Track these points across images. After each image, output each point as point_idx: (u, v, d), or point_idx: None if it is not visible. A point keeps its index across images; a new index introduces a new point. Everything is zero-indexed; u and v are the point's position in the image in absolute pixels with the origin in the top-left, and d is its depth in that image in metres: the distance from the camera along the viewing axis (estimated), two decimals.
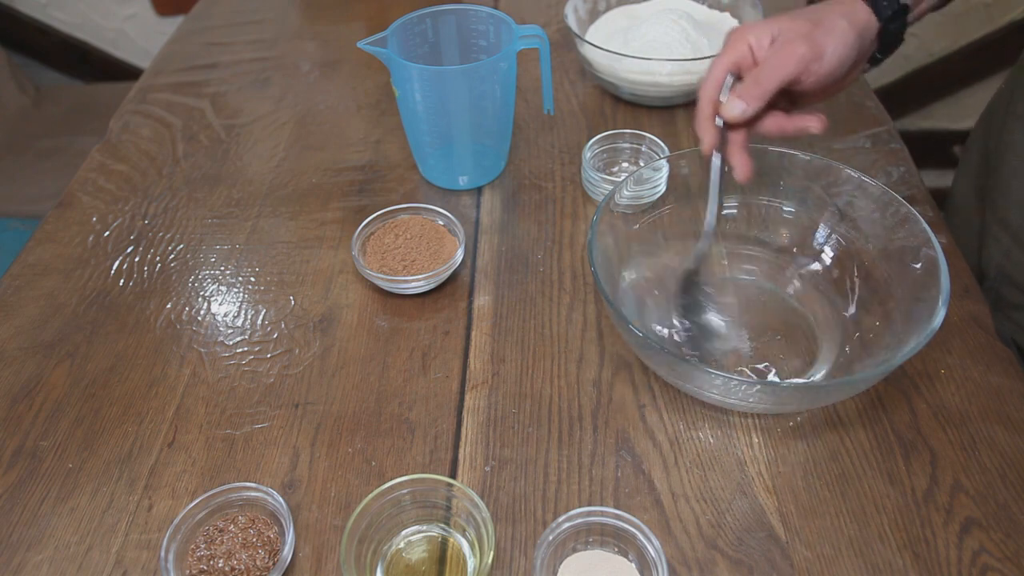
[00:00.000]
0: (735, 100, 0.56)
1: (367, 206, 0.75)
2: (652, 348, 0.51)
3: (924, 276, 0.54)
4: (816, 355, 0.59)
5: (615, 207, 0.61)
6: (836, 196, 0.62)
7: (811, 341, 0.60)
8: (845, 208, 0.62)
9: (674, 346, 0.61)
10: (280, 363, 0.62)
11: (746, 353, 0.60)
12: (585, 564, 0.48)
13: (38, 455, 0.56)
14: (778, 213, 0.66)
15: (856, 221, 0.61)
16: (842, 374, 0.56)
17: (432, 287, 0.66)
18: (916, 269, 0.55)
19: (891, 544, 0.49)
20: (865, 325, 0.58)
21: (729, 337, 0.61)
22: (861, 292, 0.60)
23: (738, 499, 0.51)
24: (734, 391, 0.50)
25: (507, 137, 0.77)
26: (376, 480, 0.54)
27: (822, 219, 0.63)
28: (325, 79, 0.94)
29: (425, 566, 0.49)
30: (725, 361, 0.60)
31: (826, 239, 0.63)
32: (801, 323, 0.62)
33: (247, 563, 0.48)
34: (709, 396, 0.53)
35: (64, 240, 0.74)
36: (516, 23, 0.69)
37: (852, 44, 0.56)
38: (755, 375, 0.58)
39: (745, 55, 0.57)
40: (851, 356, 0.57)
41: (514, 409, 0.57)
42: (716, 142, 0.58)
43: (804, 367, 0.58)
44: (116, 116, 0.90)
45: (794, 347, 0.60)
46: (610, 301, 0.53)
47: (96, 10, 1.80)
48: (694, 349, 0.61)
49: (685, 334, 0.61)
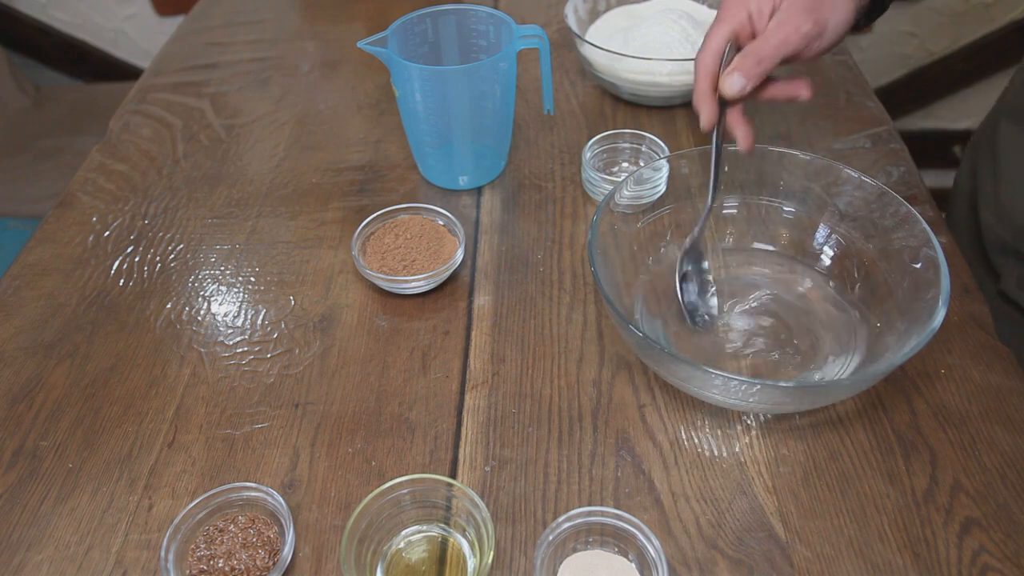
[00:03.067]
0: (736, 76, 0.54)
1: (367, 206, 0.75)
2: (652, 348, 0.51)
3: (924, 276, 0.54)
4: (816, 355, 0.59)
5: (615, 207, 0.61)
6: (836, 196, 0.62)
7: (812, 341, 0.60)
8: (845, 208, 0.62)
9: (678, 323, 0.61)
10: (280, 363, 0.62)
11: (745, 350, 0.60)
12: (585, 564, 0.48)
13: (38, 455, 0.56)
14: (778, 213, 0.66)
15: (856, 221, 0.61)
16: (843, 374, 0.56)
17: (432, 287, 0.66)
18: (916, 269, 0.55)
19: (891, 544, 0.49)
20: (865, 325, 0.58)
21: (723, 314, 0.62)
22: (861, 292, 0.60)
23: (738, 499, 0.51)
24: (734, 391, 0.50)
25: (507, 137, 0.77)
26: (376, 480, 0.54)
27: (822, 219, 0.64)
28: (325, 79, 0.94)
29: (425, 566, 0.49)
30: (721, 339, 0.60)
31: (826, 239, 0.64)
32: (801, 323, 0.62)
33: (247, 563, 0.48)
34: (709, 396, 0.53)
35: (64, 240, 0.74)
36: (516, 23, 0.69)
37: (851, 18, 0.55)
38: (755, 374, 0.58)
39: (744, 24, 0.55)
40: (851, 356, 0.57)
41: (514, 409, 0.57)
42: (716, 118, 0.57)
43: (804, 367, 0.58)
44: (116, 116, 0.90)
45: (795, 347, 0.60)
46: (610, 301, 0.53)
47: (96, 10, 1.80)
48: (693, 321, 0.61)
49: (685, 307, 0.61)
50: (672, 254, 0.65)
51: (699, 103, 0.57)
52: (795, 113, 0.82)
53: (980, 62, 1.67)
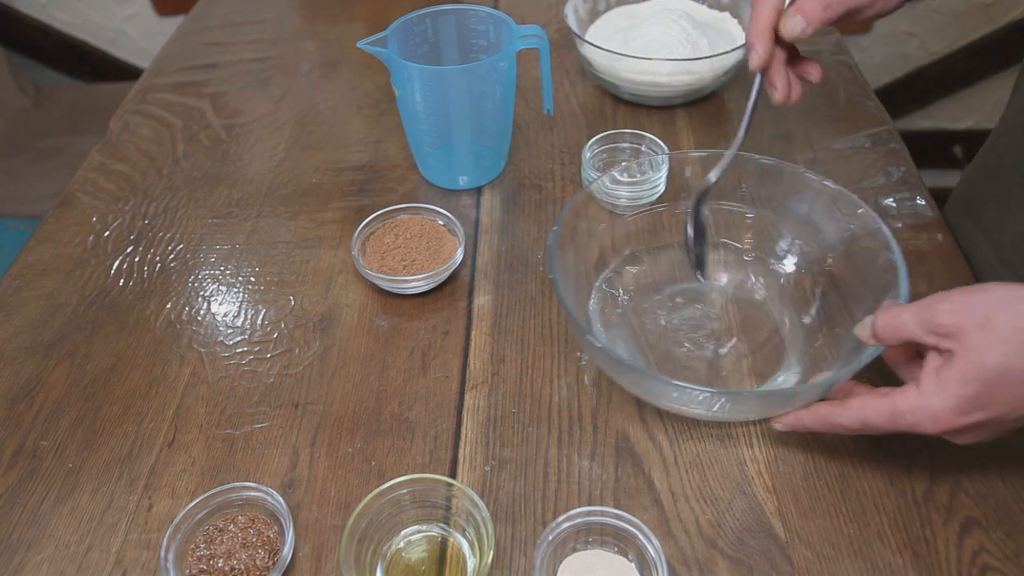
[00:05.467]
0: (797, 17, 0.52)
1: (367, 206, 0.75)
2: (611, 359, 0.51)
3: (884, 279, 0.53)
4: (781, 361, 0.59)
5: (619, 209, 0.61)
6: (797, 200, 0.61)
7: (776, 346, 0.60)
8: (806, 212, 0.61)
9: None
10: (280, 363, 0.62)
11: (709, 359, 0.60)
12: (585, 564, 0.48)
13: (38, 455, 0.56)
14: (740, 219, 0.65)
15: (817, 225, 0.61)
16: (807, 379, 0.56)
17: (432, 287, 0.66)
18: (877, 272, 0.55)
19: (891, 544, 0.49)
20: (829, 329, 0.58)
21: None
22: (824, 296, 0.60)
23: (738, 499, 0.51)
24: (693, 399, 0.50)
25: (507, 137, 0.77)
26: (376, 480, 0.54)
27: (784, 224, 0.63)
28: (325, 79, 0.94)
29: (425, 566, 0.49)
30: (679, 344, 0.60)
31: (789, 245, 0.63)
32: (765, 328, 0.61)
33: (247, 563, 0.48)
34: (668, 405, 0.53)
35: (64, 240, 0.74)
36: (516, 23, 0.69)
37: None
38: (718, 383, 0.58)
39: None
40: (816, 361, 0.57)
41: (514, 409, 0.57)
42: (768, 58, 0.54)
43: (769, 373, 0.58)
44: (116, 116, 0.90)
45: (759, 353, 0.59)
46: (569, 309, 0.52)
47: (96, 10, 1.80)
48: (698, 264, 0.61)
49: (692, 244, 0.60)
50: (672, 253, 0.65)
51: (755, 39, 0.55)
52: (795, 113, 0.82)
53: (980, 62, 1.67)
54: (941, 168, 1.83)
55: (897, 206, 0.71)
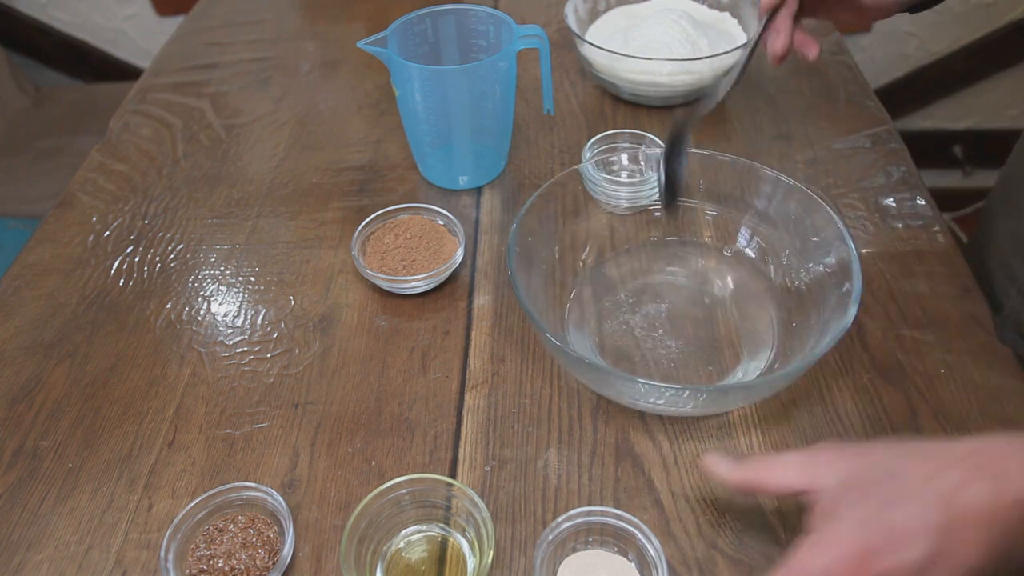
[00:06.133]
0: None
1: (367, 206, 0.75)
2: (568, 356, 0.51)
3: (838, 274, 0.54)
4: (741, 356, 0.59)
5: (616, 208, 0.61)
6: (756, 195, 0.62)
7: (735, 342, 0.60)
8: (764, 208, 0.62)
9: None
10: (280, 363, 0.62)
11: (670, 356, 0.60)
12: (585, 564, 0.48)
13: (38, 455, 0.56)
14: (700, 215, 0.66)
15: (775, 221, 0.61)
16: (760, 374, 0.56)
17: (432, 287, 0.66)
18: (831, 267, 0.55)
19: None
20: (788, 324, 0.59)
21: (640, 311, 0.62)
22: (783, 291, 0.61)
23: (738, 499, 0.51)
24: (646, 395, 0.50)
25: (507, 137, 0.77)
26: (376, 480, 0.54)
27: (743, 220, 0.64)
28: (325, 79, 0.94)
29: (425, 566, 0.49)
30: (635, 338, 0.60)
31: (748, 240, 0.64)
32: (726, 324, 0.61)
33: (247, 563, 0.48)
34: (632, 402, 0.53)
35: (64, 240, 0.74)
36: (516, 23, 0.69)
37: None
38: (667, 377, 0.58)
39: None
40: (776, 355, 0.57)
41: (514, 409, 0.57)
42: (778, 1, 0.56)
43: (730, 368, 0.58)
44: (116, 116, 0.90)
45: (718, 349, 0.60)
46: (526, 307, 0.52)
47: (96, 10, 1.80)
48: (667, 204, 0.61)
49: (664, 184, 0.60)
50: (670, 253, 0.65)
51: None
52: (795, 113, 0.82)
53: (980, 62, 1.67)
54: (941, 168, 1.83)
55: (897, 206, 0.71)
